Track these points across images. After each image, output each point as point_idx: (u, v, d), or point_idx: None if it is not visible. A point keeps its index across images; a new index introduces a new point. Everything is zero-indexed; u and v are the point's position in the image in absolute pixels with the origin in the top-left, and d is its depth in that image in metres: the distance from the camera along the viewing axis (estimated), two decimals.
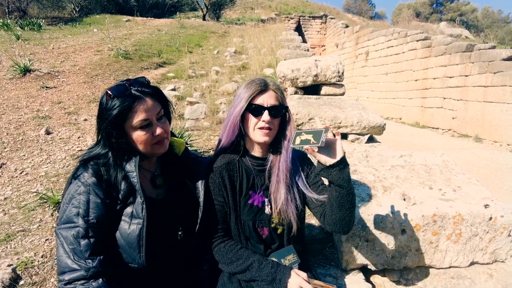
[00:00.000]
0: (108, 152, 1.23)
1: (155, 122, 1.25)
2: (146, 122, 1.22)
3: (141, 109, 1.20)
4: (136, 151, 1.26)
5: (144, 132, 1.22)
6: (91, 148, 1.28)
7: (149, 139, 1.24)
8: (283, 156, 1.39)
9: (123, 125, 1.21)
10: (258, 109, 1.35)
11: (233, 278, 1.37)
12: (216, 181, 1.41)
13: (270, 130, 1.36)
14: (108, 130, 1.20)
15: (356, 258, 1.76)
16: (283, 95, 1.42)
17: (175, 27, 12.90)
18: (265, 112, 1.34)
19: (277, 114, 1.37)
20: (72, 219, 1.14)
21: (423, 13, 29.53)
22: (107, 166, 1.22)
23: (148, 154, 1.29)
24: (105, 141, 1.23)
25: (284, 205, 1.36)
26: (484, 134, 9.25)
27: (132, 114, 1.19)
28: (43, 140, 3.85)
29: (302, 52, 7.24)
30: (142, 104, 1.21)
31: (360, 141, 3.33)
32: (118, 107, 1.17)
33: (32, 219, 2.41)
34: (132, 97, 1.20)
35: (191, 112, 4.46)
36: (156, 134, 1.24)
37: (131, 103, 1.19)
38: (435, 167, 2.21)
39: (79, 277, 1.09)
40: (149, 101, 1.23)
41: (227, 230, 1.43)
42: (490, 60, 9.04)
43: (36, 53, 7.43)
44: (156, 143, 1.26)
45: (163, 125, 1.27)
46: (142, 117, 1.20)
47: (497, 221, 1.76)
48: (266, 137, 1.36)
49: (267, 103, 1.35)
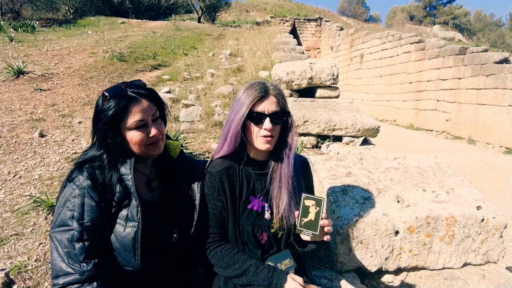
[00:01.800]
0: (103, 154, 1.23)
1: (150, 123, 1.26)
2: (141, 123, 1.23)
3: (137, 110, 1.22)
4: (130, 152, 1.26)
5: (140, 133, 1.23)
6: (86, 151, 1.28)
7: (144, 140, 1.24)
8: (285, 163, 1.37)
9: (118, 126, 1.21)
10: (259, 117, 1.32)
11: (229, 282, 1.37)
12: (215, 186, 1.39)
13: (272, 137, 1.34)
14: (104, 130, 1.20)
15: (351, 260, 1.77)
16: (284, 99, 1.39)
17: (170, 29, 12.90)
18: (267, 120, 1.31)
19: (279, 121, 1.35)
20: (67, 222, 1.14)
21: (417, 16, 29.85)
22: (102, 169, 1.22)
23: (142, 155, 1.29)
24: (101, 142, 1.23)
25: (286, 211, 1.36)
26: (477, 136, 9.36)
27: (127, 115, 1.21)
28: (37, 143, 3.82)
29: (297, 55, 7.28)
30: (137, 105, 1.22)
31: (355, 143, 3.36)
32: (114, 107, 1.19)
33: (25, 222, 2.38)
34: (128, 98, 1.22)
35: (186, 115, 4.46)
36: (151, 135, 1.25)
37: (127, 104, 1.20)
38: (429, 169, 2.23)
39: (74, 280, 1.09)
40: (145, 102, 1.24)
41: (224, 235, 1.43)
42: (482, 63, 9.16)
43: (29, 55, 7.37)
44: (151, 144, 1.27)
45: (159, 127, 1.28)
46: (137, 118, 1.21)
47: (489, 223, 1.78)
48: (268, 144, 1.34)
49: (268, 110, 1.32)
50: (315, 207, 1.19)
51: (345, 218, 1.74)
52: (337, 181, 2.03)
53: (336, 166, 2.24)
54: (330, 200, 1.90)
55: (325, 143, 3.44)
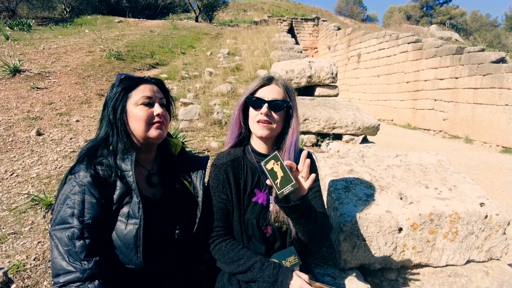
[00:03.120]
0: (108, 137, 1.25)
1: (158, 104, 1.30)
2: (148, 100, 1.27)
3: (147, 87, 1.29)
4: (132, 142, 1.28)
5: (146, 109, 1.26)
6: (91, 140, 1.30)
7: (149, 117, 1.26)
8: (286, 155, 1.36)
9: (126, 103, 1.26)
10: (258, 102, 1.34)
11: (233, 279, 1.35)
12: (220, 178, 1.38)
13: (270, 124, 1.33)
14: (114, 106, 1.25)
15: (354, 257, 1.76)
16: (290, 92, 1.38)
17: (168, 28, 12.85)
18: (265, 105, 1.32)
19: (278, 109, 1.34)
20: (67, 220, 1.11)
21: (414, 16, 29.98)
22: (103, 165, 1.20)
23: (143, 139, 1.28)
24: (108, 121, 1.26)
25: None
26: (474, 135, 9.39)
27: (137, 91, 1.28)
28: (34, 141, 3.78)
29: (296, 54, 7.27)
30: (147, 84, 1.31)
31: (355, 141, 3.35)
32: (125, 84, 1.28)
33: (23, 221, 2.35)
34: (139, 78, 1.32)
35: (185, 113, 4.43)
36: (156, 114, 1.27)
37: (138, 82, 1.30)
38: (431, 166, 2.22)
39: (75, 279, 1.06)
40: (154, 86, 1.33)
41: (229, 229, 1.41)
42: (479, 62, 9.20)
43: (26, 53, 7.31)
44: (154, 124, 1.27)
45: (164, 112, 1.32)
46: (146, 94, 1.27)
47: (492, 219, 1.77)
48: (264, 130, 1.33)
49: (268, 97, 1.34)
50: (276, 164, 1.15)
51: (348, 215, 1.72)
52: (339, 178, 2.01)
53: (338, 164, 2.23)
54: (333, 197, 1.89)
55: (325, 141, 3.42)
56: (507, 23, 27.90)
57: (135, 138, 1.28)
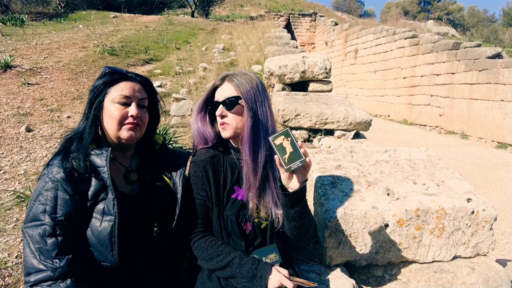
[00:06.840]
0: (85, 129, 1.23)
1: (135, 104, 1.25)
2: (126, 100, 1.23)
3: (126, 86, 1.25)
4: (106, 135, 1.25)
5: (122, 107, 1.23)
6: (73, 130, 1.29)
7: (122, 117, 1.22)
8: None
9: (104, 98, 1.24)
10: (213, 106, 1.36)
11: (213, 276, 1.33)
12: (199, 175, 1.35)
13: (229, 124, 1.32)
14: (93, 99, 1.24)
15: (340, 254, 1.74)
16: (243, 86, 1.31)
17: (163, 23, 12.74)
18: (219, 107, 1.32)
19: (230, 106, 1.30)
20: (39, 217, 1.09)
21: (411, 12, 29.86)
22: (78, 160, 1.17)
23: (116, 138, 1.25)
24: (87, 115, 1.24)
25: (261, 199, 1.33)
26: (470, 131, 9.40)
27: (116, 88, 1.24)
28: (23, 138, 3.74)
29: (291, 49, 7.22)
30: (129, 82, 1.26)
31: (346, 137, 3.32)
32: (107, 78, 1.25)
33: (8, 218, 2.32)
34: (122, 74, 1.28)
35: (177, 109, 4.40)
36: (130, 114, 1.23)
37: (120, 79, 1.26)
38: (420, 162, 2.20)
39: (46, 278, 1.04)
40: (137, 85, 1.28)
41: (208, 226, 1.39)
42: (475, 58, 9.17)
43: (18, 49, 7.22)
44: (127, 125, 1.23)
45: (141, 112, 1.27)
46: (124, 93, 1.23)
47: (479, 215, 1.75)
48: (224, 131, 1.34)
49: (221, 97, 1.33)
50: (286, 139, 1.17)
51: (333, 211, 1.70)
52: (327, 174, 1.99)
53: (326, 159, 2.20)
54: (319, 193, 1.86)
55: (317, 137, 3.40)
56: (505, 19, 27.84)
57: (108, 135, 1.25)
